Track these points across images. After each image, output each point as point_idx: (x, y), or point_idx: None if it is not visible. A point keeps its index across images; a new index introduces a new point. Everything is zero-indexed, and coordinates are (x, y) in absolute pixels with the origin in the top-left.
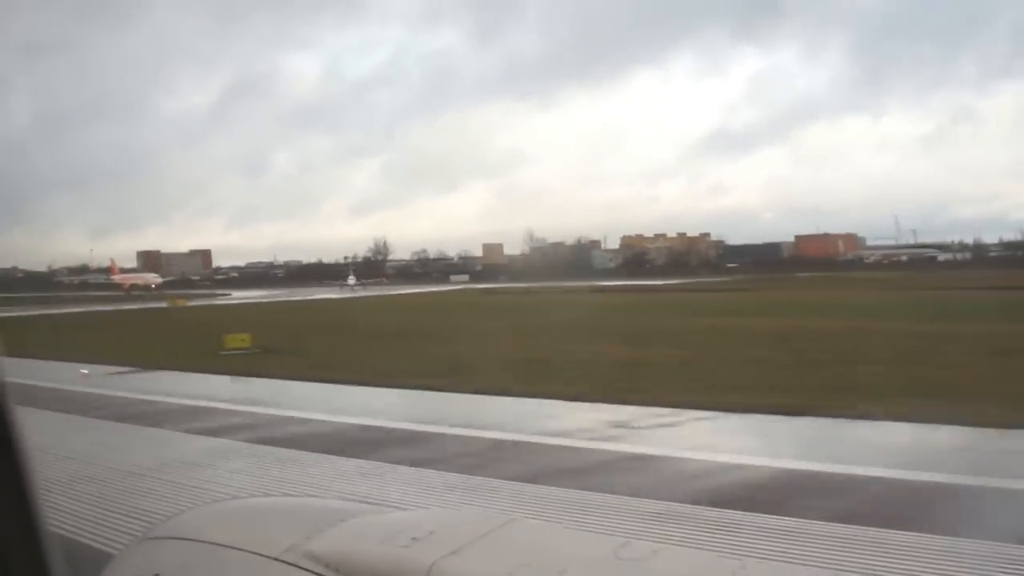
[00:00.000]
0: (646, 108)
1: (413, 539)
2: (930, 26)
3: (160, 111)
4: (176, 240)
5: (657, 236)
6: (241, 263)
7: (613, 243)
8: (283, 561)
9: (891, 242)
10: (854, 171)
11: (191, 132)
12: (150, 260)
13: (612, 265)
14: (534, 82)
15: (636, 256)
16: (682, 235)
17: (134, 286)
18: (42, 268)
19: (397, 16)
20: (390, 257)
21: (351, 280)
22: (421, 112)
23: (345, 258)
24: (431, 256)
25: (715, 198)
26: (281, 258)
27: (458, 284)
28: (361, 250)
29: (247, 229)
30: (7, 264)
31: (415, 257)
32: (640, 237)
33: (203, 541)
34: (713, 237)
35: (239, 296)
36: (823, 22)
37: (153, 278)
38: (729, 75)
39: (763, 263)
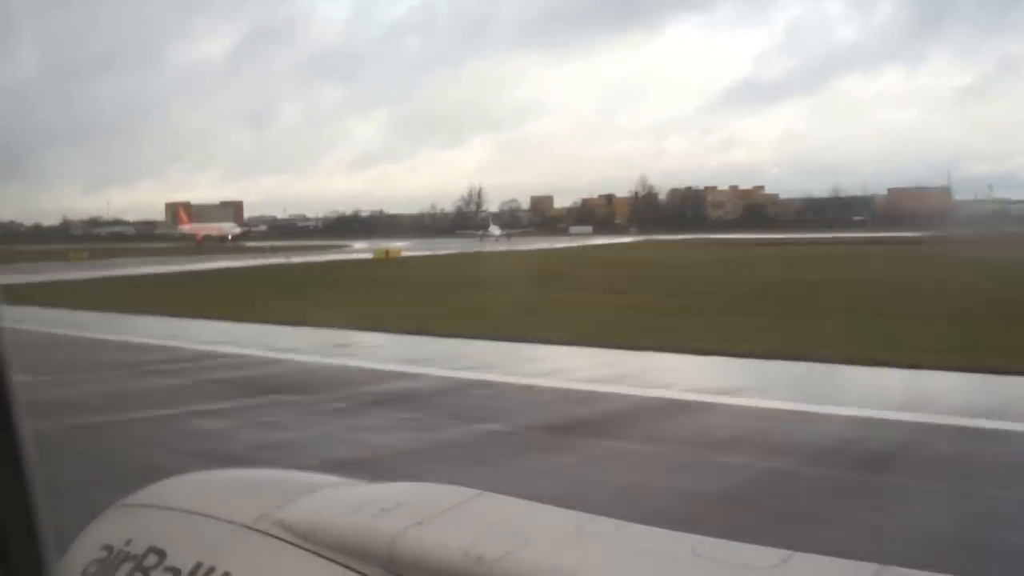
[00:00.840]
0: (678, 59)
1: (381, 510)
2: None
3: (171, 61)
4: (168, 193)
5: (708, 188)
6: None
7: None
8: (253, 529)
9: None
10: (876, 125)
11: (200, 83)
12: (180, 211)
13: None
14: (571, 31)
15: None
16: (734, 187)
17: (208, 237)
18: (50, 221)
19: None
20: (437, 208)
21: (495, 231)
22: (444, 62)
23: (479, 208)
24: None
25: (724, 152)
26: (288, 212)
27: (580, 235)
28: (363, 204)
29: (242, 183)
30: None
31: (504, 207)
32: (690, 189)
33: (175, 509)
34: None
35: (360, 247)
36: None
37: (229, 228)
38: (769, 22)
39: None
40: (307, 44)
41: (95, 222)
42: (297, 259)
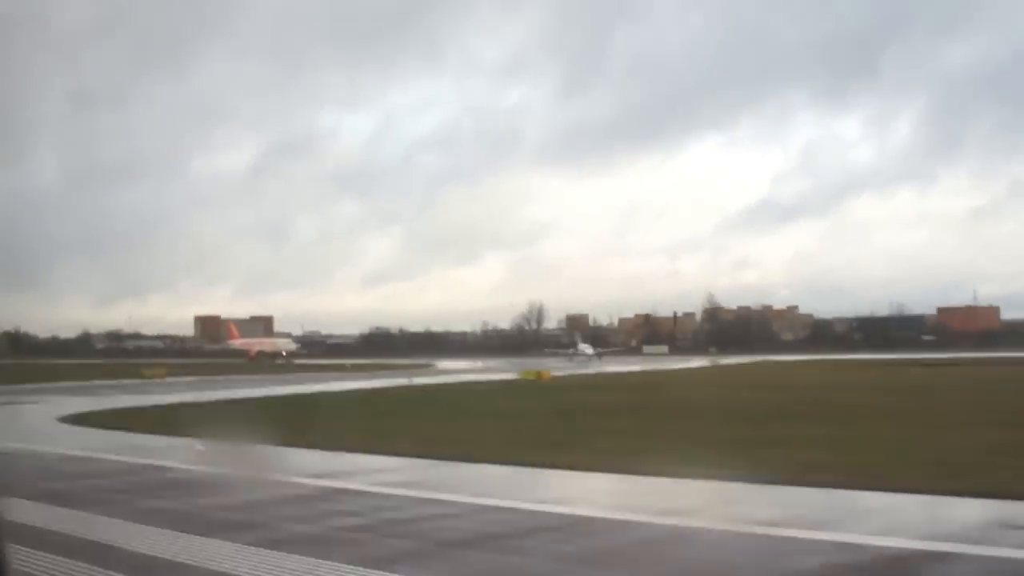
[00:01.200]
0: (695, 179)
1: None
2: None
3: (189, 172)
4: (181, 308)
5: (741, 308)
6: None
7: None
8: None
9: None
10: (886, 245)
11: (216, 196)
12: (209, 326)
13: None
14: (593, 150)
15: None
16: (767, 307)
17: (261, 353)
18: (65, 333)
19: (475, 68)
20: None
21: (586, 349)
22: (462, 179)
23: (539, 326)
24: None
25: (734, 272)
26: (304, 328)
27: (659, 355)
28: (375, 320)
29: (255, 298)
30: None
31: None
32: (721, 308)
33: None
34: (801, 310)
35: (458, 367)
36: (909, 86)
37: (284, 344)
38: (786, 142)
39: (947, 338)
40: (328, 158)
41: (115, 335)
42: (420, 380)
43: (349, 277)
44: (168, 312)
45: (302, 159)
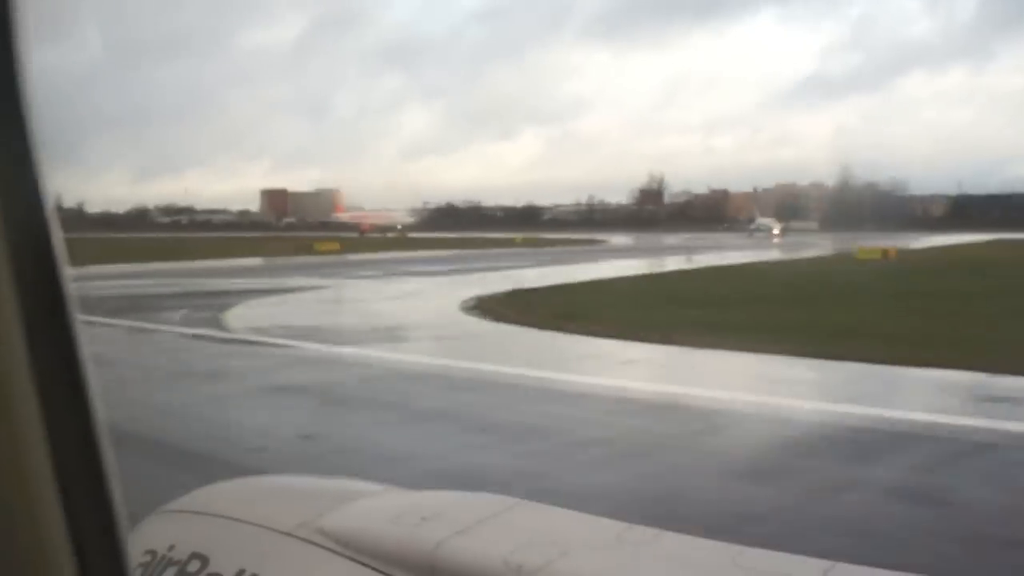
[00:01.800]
0: (745, 55)
1: (422, 519)
2: None
3: (232, 47)
4: (213, 183)
5: (813, 185)
6: None
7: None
8: (294, 536)
9: None
10: (930, 124)
11: (257, 71)
12: (275, 199)
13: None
14: (646, 23)
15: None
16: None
17: (375, 227)
18: (97, 208)
19: None
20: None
21: (768, 224)
22: (507, 53)
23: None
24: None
25: (773, 149)
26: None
27: (801, 231)
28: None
29: (291, 173)
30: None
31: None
32: (794, 185)
33: (217, 515)
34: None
35: (651, 244)
36: None
37: (400, 217)
38: (840, 16)
39: None
40: (373, 32)
41: (169, 210)
42: (698, 259)
43: (386, 152)
44: (205, 186)
45: (347, 34)
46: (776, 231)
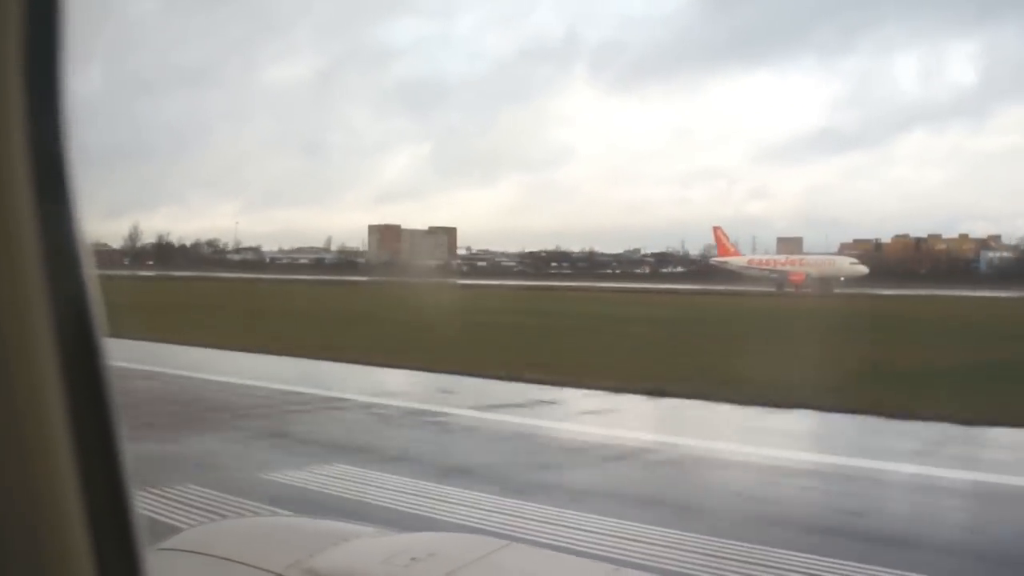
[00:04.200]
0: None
1: (412, 559)
2: None
3: (229, 83)
4: (183, 223)
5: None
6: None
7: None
8: None
9: None
10: (907, 182)
11: (249, 108)
12: (387, 236)
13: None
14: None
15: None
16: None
17: (808, 279)
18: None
19: None
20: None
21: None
22: (509, 100)
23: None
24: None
25: (742, 204)
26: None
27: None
28: None
29: (263, 213)
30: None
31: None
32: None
33: (209, 555)
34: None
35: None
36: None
37: (847, 266)
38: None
39: None
40: (373, 75)
41: (212, 245)
42: None
43: (362, 193)
44: (179, 224)
45: (351, 73)
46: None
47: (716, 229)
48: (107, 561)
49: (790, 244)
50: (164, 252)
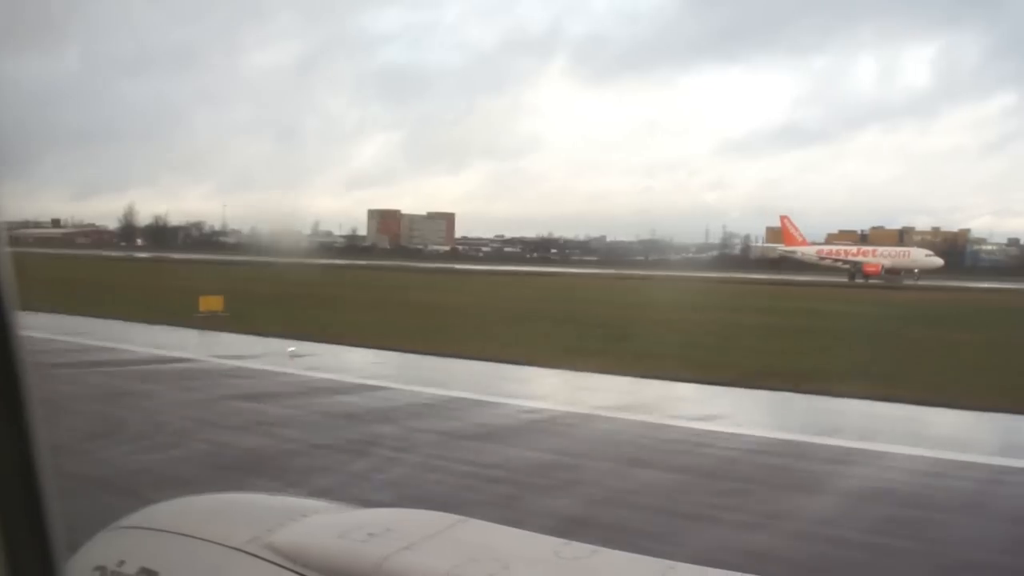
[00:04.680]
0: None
1: (369, 535)
2: None
3: (201, 68)
4: (151, 204)
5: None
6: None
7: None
8: (244, 552)
9: None
10: (856, 176)
11: (224, 92)
12: (387, 222)
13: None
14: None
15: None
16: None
17: (891, 272)
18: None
19: None
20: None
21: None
22: (487, 90)
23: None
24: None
25: (699, 194)
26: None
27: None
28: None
29: (232, 195)
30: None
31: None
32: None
33: (168, 531)
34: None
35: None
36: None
37: (923, 258)
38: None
39: None
40: (360, 59)
41: (199, 228)
42: None
43: (333, 178)
44: (149, 206)
45: (328, 58)
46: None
47: (784, 218)
48: (20, 562)
49: (844, 236)
50: (160, 234)
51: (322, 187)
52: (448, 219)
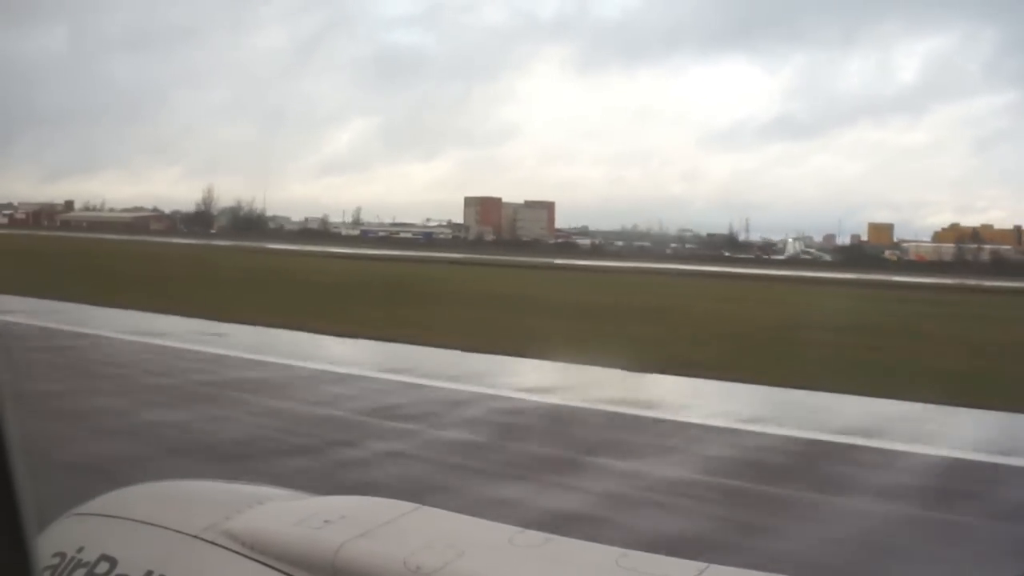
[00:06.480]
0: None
1: (325, 522)
2: None
3: (180, 50)
4: (119, 188)
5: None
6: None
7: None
8: (201, 539)
9: None
10: (828, 170)
11: (204, 75)
12: (488, 210)
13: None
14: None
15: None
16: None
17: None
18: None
19: None
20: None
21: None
22: (476, 75)
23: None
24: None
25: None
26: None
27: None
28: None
29: (204, 179)
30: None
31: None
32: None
33: (126, 518)
34: None
35: None
36: None
37: None
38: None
39: None
40: (352, 41)
41: (232, 213)
42: None
43: (305, 165)
44: (120, 189)
45: (317, 41)
46: None
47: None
48: None
49: (880, 230)
50: (241, 221)
51: (296, 173)
52: (548, 208)
